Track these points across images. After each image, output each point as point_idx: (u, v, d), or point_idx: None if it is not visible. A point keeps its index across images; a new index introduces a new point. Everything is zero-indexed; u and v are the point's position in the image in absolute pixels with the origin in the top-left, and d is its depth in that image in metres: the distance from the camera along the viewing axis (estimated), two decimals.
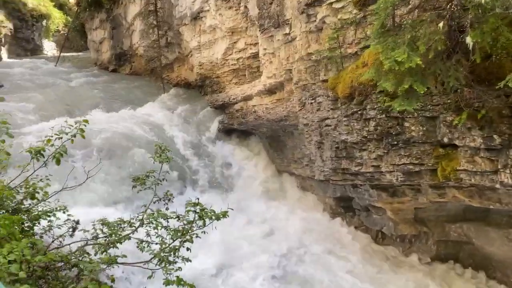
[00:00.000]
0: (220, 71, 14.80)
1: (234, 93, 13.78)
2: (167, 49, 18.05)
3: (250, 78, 13.68)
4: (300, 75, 9.29)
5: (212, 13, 14.16)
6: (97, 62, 24.85)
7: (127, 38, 20.98)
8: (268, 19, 9.73)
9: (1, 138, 4.04)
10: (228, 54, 14.00)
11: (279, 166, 12.67)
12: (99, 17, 23.29)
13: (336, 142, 8.13)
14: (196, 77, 16.39)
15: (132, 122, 13.49)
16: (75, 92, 16.79)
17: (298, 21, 8.91)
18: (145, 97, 16.72)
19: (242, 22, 13.08)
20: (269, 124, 11.54)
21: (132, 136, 12.24)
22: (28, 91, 16.96)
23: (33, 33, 29.85)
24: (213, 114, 14.61)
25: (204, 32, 15.01)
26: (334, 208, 10.34)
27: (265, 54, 10.94)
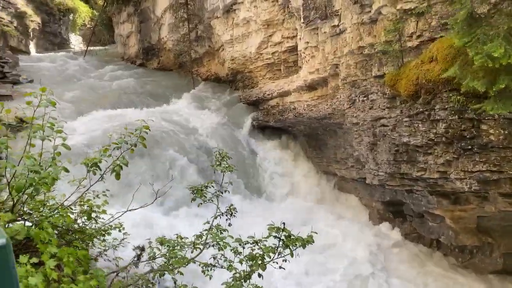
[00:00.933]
0: (253, 66, 14.10)
1: (268, 89, 13.07)
2: (196, 43, 17.40)
3: (286, 73, 12.96)
4: (349, 70, 8.53)
5: (247, 5, 13.44)
6: (124, 56, 24.38)
7: (155, 32, 20.40)
8: (314, 11, 8.97)
9: (57, 150, 3.38)
10: (263, 48, 13.28)
11: (317, 165, 11.95)
12: (126, 10, 22.77)
13: (395, 144, 7.37)
14: (227, 72, 15.72)
15: (162, 118, 12.90)
16: (104, 87, 16.30)
17: (349, 12, 8.13)
18: (175, 92, 16.11)
19: (279, 14, 12.34)
20: (308, 122, 10.81)
21: (164, 134, 11.64)
22: (58, 85, 16.54)
23: (60, 27, 29.53)
24: (246, 110, 13.92)
25: (237, 25, 14.31)
26: (381, 212, 9.58)
27: (306, 48, 10.19)
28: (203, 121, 13.33)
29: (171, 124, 12.48)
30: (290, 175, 11.62)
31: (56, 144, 3.39)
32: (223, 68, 16.14)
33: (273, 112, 12.30)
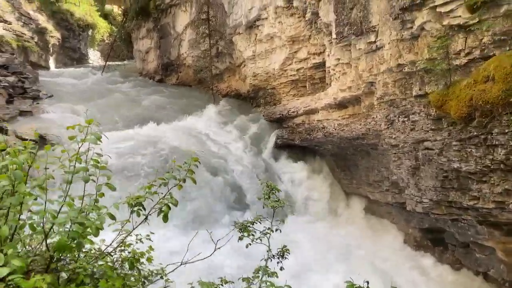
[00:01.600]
0: (277, 82, 13.63)
1: (293, 106, 12.56)
2: (217, 59, 17.04)
3: (311, 90, 12.46)
4: (386, 89, 7.98)
5: (271, 21, 13.03)
6: (142, 71, 24.17)
7: (175, 48, 20.13)
8: (348, 26, 8.47)
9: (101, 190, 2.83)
10: (287, 64, 12.82)
11: (346, 187, 11.33)
12: (146, 26, 22.60)
13: (443, 170, 6.75)
14: (248, 88, 15.28)
15: (184, 135, 12.44)
16: (124, 102, 15.96)
17: (387, 27, 7.61)
18: (195, 108, 15.67)
19: (305, 30, 11.89)
20: (338, 142, 10.24)
21: (188, 152, 11.18)
22: (78, 101, 16.26)
23: (79, 42, 29.60)
24: (269, 127, 13.39)
25: (260, 41, 13.90)
26: (419, 240, 8.90)
27: (337, 65, 9.68)
28: (225, 138, 12.85)
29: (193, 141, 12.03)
30: (321, 199, 11.00)
31: (99, 183, 2.85)
32: (244, 84, 15.71)
33: (299, 131, 11.75)
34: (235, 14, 14.68)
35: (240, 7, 14.28)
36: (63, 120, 13.38)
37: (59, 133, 12.00)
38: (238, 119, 14.35)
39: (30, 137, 11.21)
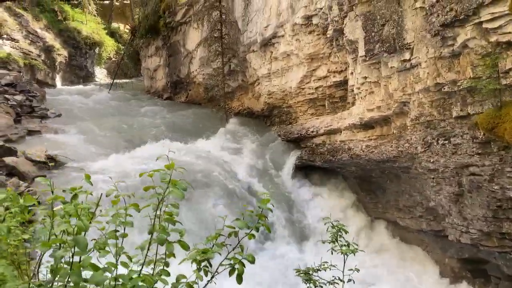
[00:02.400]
0: (293, 101, 13.15)
1: (312, 125, 12.05)
2: (229, 77, 16.59)
3: (330, 109, 11.97)
4: (422, 109, 7.48)
5: (287, 39, 12.63)
6: (150, 89, 23.77)
7: (185, 66, 19.74)
8: (379, 43, 8.01)
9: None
10: (305, 82, 12.36)
11: (371, 211, 10.75)
12: (155, 44, 22.28)
13: (497, 198, 6.21)
14: (263, 107, 14.80)
15: (199, 157, 11.90)
16: (133, 122, 15.48)
17: (424, 45, 7.14)
18: (207, 127, 15.20)
19: (324, 48, 11.46)
20: (364, 164, 9.70)
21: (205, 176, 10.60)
22: (87, 120, 15.82)
23: (86, 60, 29.28)
24: (286, 147, 12.85)
25: (275, 59, 13.48)
26: (456, 271, 8.28)
27: (363, 83, 9.20)
28: (241, 159, 12.30)
29: (207, 163, 11.47)
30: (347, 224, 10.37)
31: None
32: (258, 102, 15.24)
33: (320, 151, 11.21)
34: (250, 32, 14.30)
35: (255, 25, 13.90)
36: (73, 140, 12.89)
37: (71, 154, 11.50)
38: (254, 138, 13.84)
39: (40, 158, 10.72)
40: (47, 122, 15.08)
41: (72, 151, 11.86)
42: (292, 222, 10.36)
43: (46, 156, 10.65)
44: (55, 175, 10.13)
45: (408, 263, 9.08)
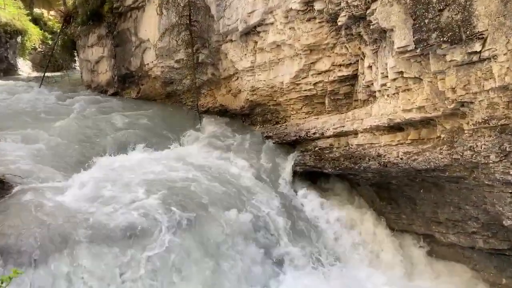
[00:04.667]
0: (284, 98, 11.55)
1: (313, 126, 10.58)
2: (196, 70, 14.58)
3: (331, 107, 10.57)
4: (492, 111, 6.31)
5: (278, 27, 10.95)
6: (91, 84, 20.81)
7: (136, 57, 17.26)
8: (437, 32, 6.67)
9: None
10: (301, 77, 10.80)
11: (393, 222, 9.55)
12: (96, 32, 19.38)
13: None
14: (243, 104, 13.02)
15: (183, 165, 9.92)
16: (86, 126, 12.91)
17: (503, 34, 5.95)
18: (177, 129, 13.13)
19: (328, 38, 9.96)
20: (390, 172, 8.43)
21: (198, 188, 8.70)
22: (25, 125, 12.93)
23: (6, 51, 25.23)
24: (280, 152, 11.24)
25: (261, 51, 11.75)
26: None
27: (396, 79, 7.87)
28: (232, 167, 10.50)
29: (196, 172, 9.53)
30: (360, 239, 9.07)
31: None
32: (236, 99, 13.43)
33: (331, 157, 9.75)
34: (227, 19, 12.39)
35: (235, 11, 12.02)
36: (16, 151, 10.20)
37: (19, 170, 8.94)
38: (237, 140, 12.06)
39: None
40: None
41: (20, 166, 9.27)
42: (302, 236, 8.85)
43: None
44: (5, 203, 7.65)
45: (449, 285, 8.01)
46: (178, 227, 7.44)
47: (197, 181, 8.68)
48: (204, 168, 9.68)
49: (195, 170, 9.53)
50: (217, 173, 9.39)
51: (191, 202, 8.05)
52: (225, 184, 9.20)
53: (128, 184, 8.46)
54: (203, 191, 8.42)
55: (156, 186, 8.48)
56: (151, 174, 9.04)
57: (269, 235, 8.42)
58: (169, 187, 8.47)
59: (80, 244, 6.68)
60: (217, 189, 8.95)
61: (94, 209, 7.42)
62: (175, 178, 8.74)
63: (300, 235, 8.93)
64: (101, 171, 9.12)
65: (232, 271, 7.44)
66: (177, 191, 8.41)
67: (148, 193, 8.11)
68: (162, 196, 8.03)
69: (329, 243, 8.95)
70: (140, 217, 7.36)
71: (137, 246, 6.94)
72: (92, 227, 6.93)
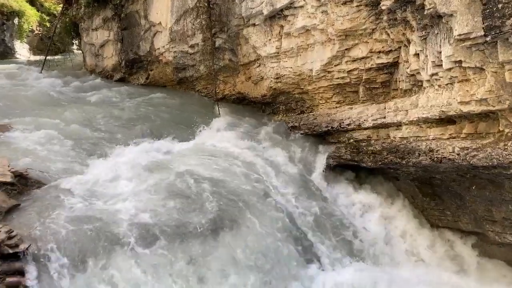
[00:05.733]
0: (312, 86, 10.91)
1: (347, 117, 9.99)
2: (213, 56, 13.82)
3: (366, 97, 9.97)
4: None
5: (309, 10, 10.25)
6: (95, 69, 19.89)
7: (146, 41, 16.40)
8: None
9: None
10: (334, 64, 10.15)
11: (436, 219, 9.07)
12: (101, 15, 18.42)
13: None
14: (265, 93, 12.35)
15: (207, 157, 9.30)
16: (100, 114, 12.16)
17: None
18: (195, 118, 12.43)
19: (367, 23, 9.29)
20: (443, 167, 7.89)
21: (229, 185, 8.07)
22: (34, 112, 12.19)
23: (3, 33, 24.11)
24: (310, 143, 10.66)
25: (288, 36, 11.05)
26: None
27: (452, 69, 7.27)
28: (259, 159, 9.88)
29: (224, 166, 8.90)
30: (401, 237, 8.59)
31: None
32: (257, 87, 12.75)
33: (371, 151, 9.19)
34: (251, 1, 11.62)
35: None
36: (32, 142, 9.45)
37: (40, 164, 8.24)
38: (262, 131, 11.41)
39: (5, 178, 7.36)
40: None
41: (39, 159, 8.58)
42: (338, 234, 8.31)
43: (12, 174, 7.33)
44: (33, 202, 6.98)
45: (503, 284, 7.59)
46: (218, 228, 6.84)
47: (229, 176, 8.05)
48: (232, 160, 9.04)
49: (224, 162, 8.90)
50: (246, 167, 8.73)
51: (229, 201, 7.43)
52: (256, 180, 8.59)
53: (159, 178, 7.81)
54: (236, 188, 7.80)
55: (188, 181, 7.85)
56: (181, 167, 8.38)
57: (304, 233, 7.88)
58: (201, 183, 7.84)
59: (121, 246, 6.07)
60: (248, 184, 8.34)
61: (129, 207, 6.78)
62: (204, 173, 8.08)
63: (336, 232, 8.41)
64: (127, 164, 8.43)
65: (271, 270, 6.92)
66: (211, 188, 7.77)
67: (183, 190, 7.48)
68: (197, 194, 7.41)
69: (367, 240, 8.44)
70: (180, 214, 6.75)
71: (182, 247, 6.35)
72: (133, 227, 6.30)
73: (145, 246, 6.14)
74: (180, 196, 7.23)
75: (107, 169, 8.01)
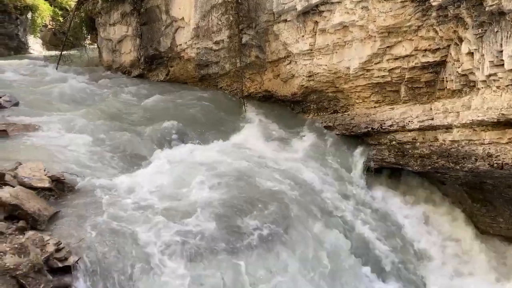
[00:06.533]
0: (349, 85, 10.46)
1: (389, 117, 9.54)
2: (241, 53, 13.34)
3: (409, 97, 9.53)
4: None
5: (348, 6, 9.77)
6: (112, 65, 19.44)
7: (167, 37, 15.93)
8: None
9: None
10: (374, 62, 9.69)
11: (487, 226, 8.65)
12: (120, 10, 17.93)
13: None
14: (296, 91, 11.89)
15: (245, 160, 8.86)
16: (126, 111, 11.77)
17: None
18: (223, 117, 12.02)
19: (412, 19, 8.80)
20: (498, 172, 7.46)
21: (277, 193, 7.62)
22: (58, 109, 11.81)
23: (17, 28, 23.65)
24: (346, 145, 10.21)
25: (323, 32, 10.58)
26: None
27: None
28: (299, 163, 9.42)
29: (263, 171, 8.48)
30: (455, 245, 8.16)
31: None
32: (287, 85, 12.28)
33: (417, 154, 8.75)
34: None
35: None
36: (62, 143, 9.03)
37: (72, 166, 7.82)
38: (295, 132, 10.98)
39: (43, 183, 6.96)
40: (6, 115, 10.83)
41: (70, 161, 8.15)
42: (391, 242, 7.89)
43: (50, 178, 6.93)
44: (72, 208, 6.57)
45: None
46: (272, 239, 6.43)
47: (269, 179, 7.63)
48: (269, 164, 8.62)
49: (261, 167, 8.48)
50: (285, 171, 8.30)
51: (277, 210, 7.00)
52: (298, 186, 8.15)
53: (202, 182, 7.40)
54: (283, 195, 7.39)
55: (233, 188, 7.42)
56: (220, 168, 7.96)
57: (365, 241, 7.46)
58: (245, 189, 7.42)
59: (170, 259, 5.68)
60: (293, 192, 7.89)
61: (178, 215, 6.37)
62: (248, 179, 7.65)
63: (386, 240, 7.98)
64: (164, 167, 8.01)
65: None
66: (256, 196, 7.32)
67: (227, 199, 7.06)
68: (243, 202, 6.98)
69: (417, 247, 8.04)
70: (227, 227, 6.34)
71: (233, 259, 5.95)
72: (181, 238, 5.89)
73: (196, 259, 5.74)
74: (231, 204, 6.81)
75: (147, 174, 7.58)
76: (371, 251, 7.27)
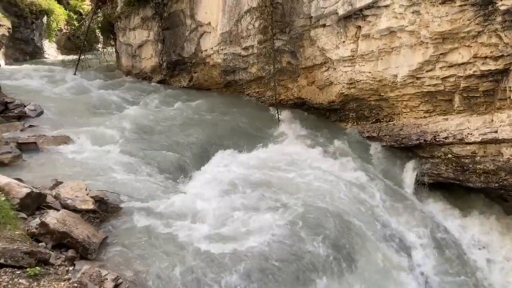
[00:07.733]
0: (395, 93, 9.80)
1: (442, 128, 8.87)
2: (268, 59, 12.70)
3: (463, 107, 8.86)
4: None
5: (396, 11, 9.11)
6: (132, 70, 18.86)
7: (191, 42, 15.32)
8: None
9: None
10: (425, 70, 9.03)
11: None
12: (141, 14, 17.33)
13: None
14: (334, 98, 11.24)
15: (296, 171, 8.21)
16: (157, 120, 11.11)
17: None
18: (258, 126, 11.39)
19: (471, 25, 8.13)
20: None
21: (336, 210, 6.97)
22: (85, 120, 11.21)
23: (32, 32, 23.11)
24: (394, 157, 9.54)
25: (366, 37, 9.92)
26: None
27: None
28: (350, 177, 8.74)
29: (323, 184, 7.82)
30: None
31: None
32: (323, 92, 11.64)
33: (481, 169, 8.06)
34: (323, 0, 10.51)
35: None
36: (97, 157, 8.39)
37: (112, 185, 7.18)
38: (336, 145, 10.30)
39: (87, 205, 6.34)
40: (34, 126, 10.24)
41: (108, 178, 7.50)
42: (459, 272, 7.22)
43: (92, 199, 6.29)
44: (119, 232, 5.92)
45: None
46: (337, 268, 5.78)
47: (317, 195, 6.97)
48: (310, 174, 7.96)
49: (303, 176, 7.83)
50: (332, 185, 7.63)
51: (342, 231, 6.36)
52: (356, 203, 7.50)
53: (259, 199, 6.77)
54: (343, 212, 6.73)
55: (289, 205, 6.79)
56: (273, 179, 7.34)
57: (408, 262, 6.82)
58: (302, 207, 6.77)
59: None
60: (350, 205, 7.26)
61: (237, 235, 5.72)
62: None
63: (444, 263, 7.31)
64: (213, 183, 7.37)
65: None
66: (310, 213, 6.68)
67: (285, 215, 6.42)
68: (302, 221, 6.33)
69: (482, 272, 7.34)
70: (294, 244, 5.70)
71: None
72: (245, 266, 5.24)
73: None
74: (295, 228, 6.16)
75: (195, 189, 6.95)
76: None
